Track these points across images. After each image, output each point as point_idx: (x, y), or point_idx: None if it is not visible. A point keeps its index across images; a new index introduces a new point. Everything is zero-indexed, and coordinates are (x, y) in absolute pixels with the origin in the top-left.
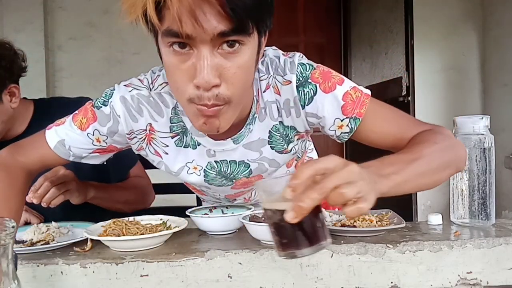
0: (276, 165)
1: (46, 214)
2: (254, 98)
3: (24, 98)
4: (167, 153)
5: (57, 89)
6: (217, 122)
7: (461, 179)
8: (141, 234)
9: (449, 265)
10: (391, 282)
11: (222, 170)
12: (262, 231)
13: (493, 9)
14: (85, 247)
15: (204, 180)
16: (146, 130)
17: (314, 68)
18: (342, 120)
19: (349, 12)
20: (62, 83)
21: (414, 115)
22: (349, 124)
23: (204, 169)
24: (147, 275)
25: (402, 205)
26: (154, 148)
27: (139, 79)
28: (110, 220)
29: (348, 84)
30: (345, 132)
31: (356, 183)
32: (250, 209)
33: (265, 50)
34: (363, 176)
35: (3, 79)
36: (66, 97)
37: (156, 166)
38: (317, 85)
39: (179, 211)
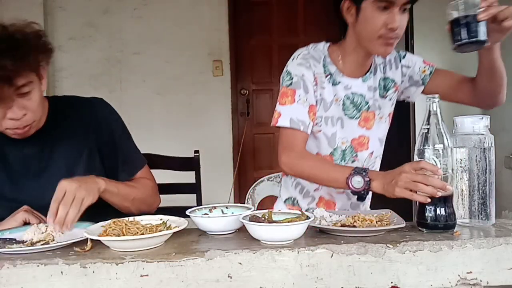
0: (380, 107)
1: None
2: (373, 57)
3: None
4: (324, 88)
5: (57, 89)
6: (390, 49)
7: (461, 179)
8: (141, 234)
9: (449, 265)
10: (391, 282)
11: (354, 100)
12: (262, 231)
13: None
14: (85, 247)
15: (342, 109)
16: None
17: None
18: (424, 67)
19: None
20: (62, 83)
21: (414, 115)
22: (429, 69)
23: (343, 99)
24: (147, 275)
25: (402, 205)
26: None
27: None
28: (110, 220)
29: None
30: (427, 74)
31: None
32: (250, 209)
33: None
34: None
35: (48, 51)
36: (79, 96)
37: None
38: (407, 52)
39: (179, 211)
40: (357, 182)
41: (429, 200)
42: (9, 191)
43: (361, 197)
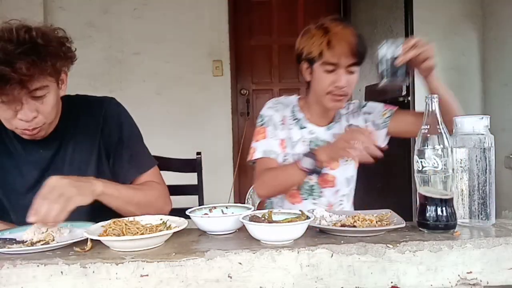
0: None
1: None
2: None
3: None
4: (291, 129)
5: None
6: (341, 104)
7: (461, 179)
8: (141, 234)
9: (449, 265)
10: (391, 282)
11: (318, 144)
12: (262, 231)
13: (493, 9)
14: (85, 247)
15: (309, 148)
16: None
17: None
18: (384, 111)
19: (349, 12)
20: None
21: None
22: (389, 112)
23: (310, 141)
24: (147, 275)
25: (402, 205)
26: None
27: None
28: (110, 220)
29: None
30: (388, 116)
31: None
32: (250, 209)
33: None
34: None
35: (68, 58)
36: (90, 95)
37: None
38: (368, 102)
39: (179, 211)
40: (308, 162)
41: (377, 154)
42: (25, 192)
43: (317, 172)
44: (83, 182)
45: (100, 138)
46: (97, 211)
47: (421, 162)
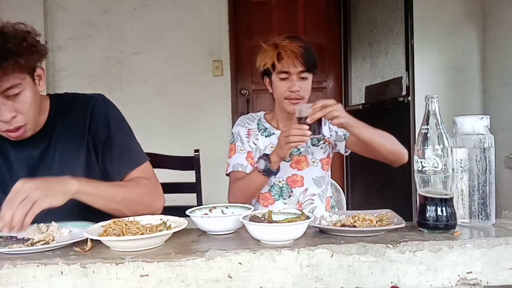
0: (313, 153)
1: (47, 214)
2: None
3: None
4: (258, 139)
5: (57, 89)
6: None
7: (461, 179)
8: (141, 234)
9: (449, 265)
10: (391, 282)
11: None
12: (262, 231)
13: (493, 9)
14: (85, 247)
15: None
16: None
17: None
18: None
19: (349, 12)
20: (62, 83)
21: (414, 115)
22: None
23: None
24: (147, 275)
25: (402, 205)
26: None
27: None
28: (110, 220)
29: None
30: (346, 131)
31: (341, 111)
32: (250, 209)
33: None
34: (344, 113)
35: (33, 53)
36: (81, 93)
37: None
38: None
39: (179, 211)
40: (262, 164)
41: (306, 139)
42: None
43: (272, 172)
44: (54, 183)
45: (87, 135)
46: (97, 211)
47: (421, 162)
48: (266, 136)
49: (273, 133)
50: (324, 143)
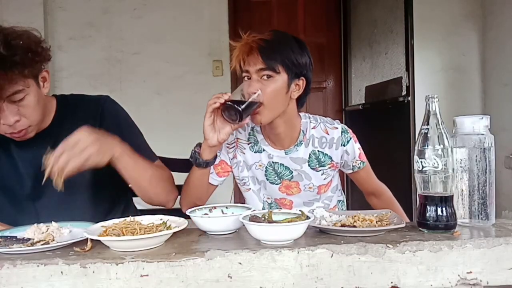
0: (309, 179)
1: (52, 215)
2: (301, 132)
3: None
4: (244, 153)
5: (57, 89)
6: (259, 118)
7: (461, 179)
8: (141, 234)
9: (449, 265)
10: (391, 282)
11: (275, 168)
12: (262, 231)
13: (493, 9)
14: (85, 247)
15: (265, 174)
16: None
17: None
18: (357, 160)
19: (349, 12)
20: (62, 83)
21: (414, 115)
22: (360, 163)
23: (266, 166)
24: (147, 275)
25: (402, 205)
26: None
27: None
28: (110, 220)
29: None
30: (356, 166)
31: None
32: (250, 209)
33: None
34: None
35: (37, 62)
36: (86, 94)
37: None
38: (352, 136)
39: (179, 211)
40: (191, 152)
41: (221, 101)
42: (20, 193)
43: (199, 164)
44: (105, 144)
45: None
46: (98, 211)
47: (421, 162)
48: (255, 152)
49: (263, 150)
50: (331, 167)
